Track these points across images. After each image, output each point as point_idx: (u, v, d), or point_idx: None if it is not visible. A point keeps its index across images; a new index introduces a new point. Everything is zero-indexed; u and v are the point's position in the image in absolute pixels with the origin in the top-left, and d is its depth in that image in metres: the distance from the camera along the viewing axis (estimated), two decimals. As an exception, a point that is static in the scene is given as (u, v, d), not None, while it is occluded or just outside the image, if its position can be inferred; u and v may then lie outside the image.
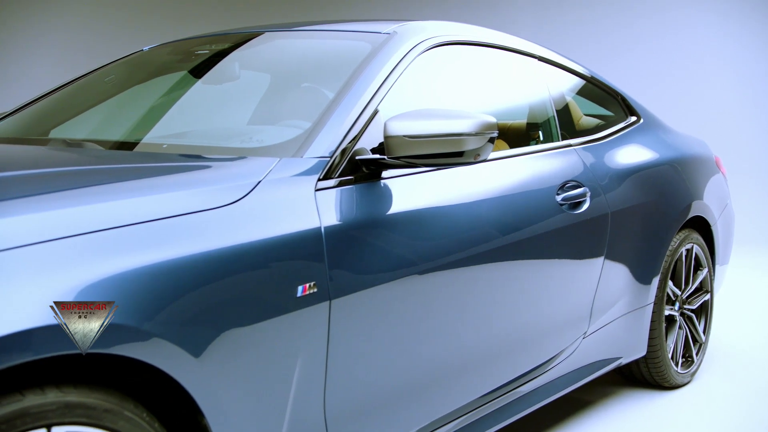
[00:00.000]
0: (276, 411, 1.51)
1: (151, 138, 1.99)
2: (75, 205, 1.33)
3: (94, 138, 2.08)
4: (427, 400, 1.93)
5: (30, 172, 1.55)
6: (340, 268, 1.61)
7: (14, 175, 1.49)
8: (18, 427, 1.12)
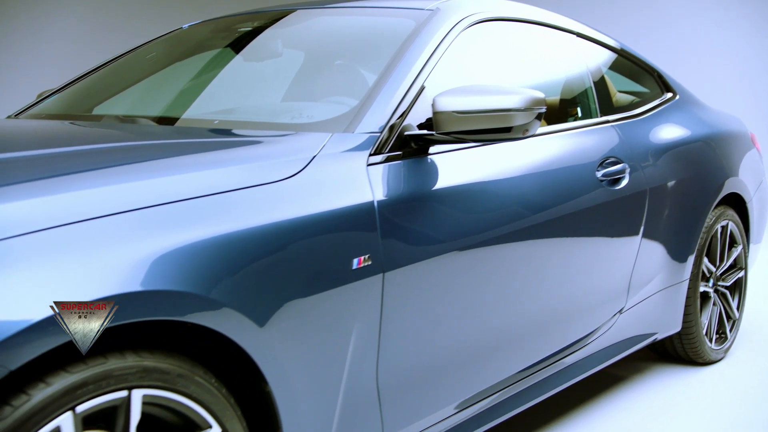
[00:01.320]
0: (333, 379, 1.58)
1: (200, 114, 2.05)
2: (143, 178, 1.39)
3: (144, 114, 2.14)
4: (471, 373, 1.99)
5: (93, 147, 1.61)
6: (392, 241, 1.66)
7: (80, 150, 1.55)
8: (103, 388, 1.20)
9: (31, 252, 1.15)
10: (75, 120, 2.08)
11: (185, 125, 1.92)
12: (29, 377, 1.13)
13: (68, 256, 1.17)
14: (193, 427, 1.35)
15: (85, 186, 1.31)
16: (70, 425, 1.16)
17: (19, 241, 1.15)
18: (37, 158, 1.47)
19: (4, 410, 1.09)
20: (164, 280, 1.26)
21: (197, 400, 1.33)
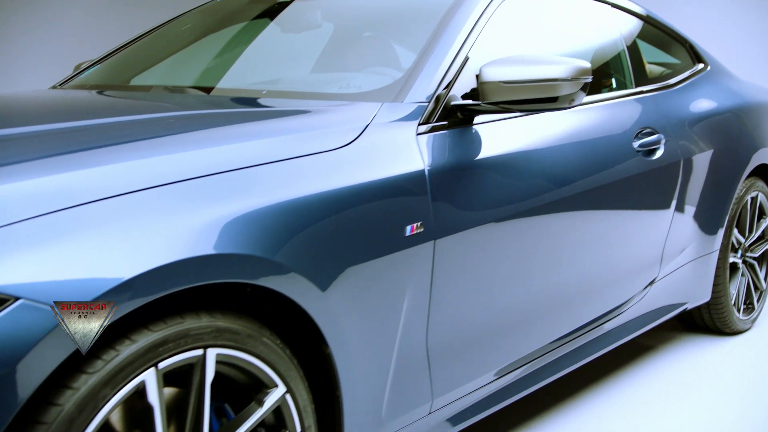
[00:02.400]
0: (387, 343, 1.64)
1: (244, 85, 2.10)
2: (211, 146, 1.45)
3: (189, 85, 2.20)
4: (510, 341, 2.06)
5: (156, 115, 1.67)
6: (442, 209, 1.72)
7: (144, 118, 1.61)
8: (182, 346, 1.27)
9: (118, 214, 1.21)
10: (121, 90, 2.13)
11: (234, 96, 1.98)
12: (116, 334, 1.20)
13: (149, 219, 1.24)
14: (259, 387, 1.43)
15: (161, 153, 1.37)
16: (154, 380, 1.23)
17: (107, 204, 1.21)
18: (107, 126, 1.53)
19: (96, 364, 1.16)
20: (235, 243, 1.32)
21: (265, 360, 1.41)
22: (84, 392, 1.14)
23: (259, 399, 1.42)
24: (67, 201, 1.19)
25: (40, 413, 1.10)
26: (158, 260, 1.20)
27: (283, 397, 1.44)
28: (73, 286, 1.11)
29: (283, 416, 1.46)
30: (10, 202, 1.16)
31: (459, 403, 1.92)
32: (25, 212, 1.15)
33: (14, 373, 1.05)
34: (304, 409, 1.49)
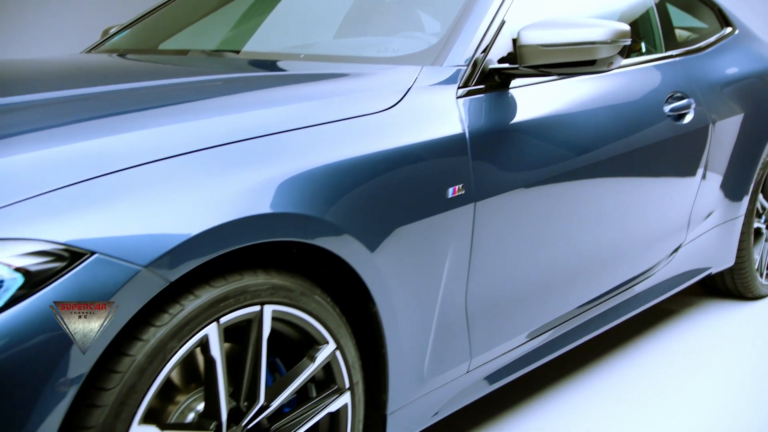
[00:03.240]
0: (429, 302, 1.70)
1: (281, 48, 2.12)
2: (261, 107, 1.49)
3: (224, 48, 2.22)
4: (543, 303, 2.11)
5: (201, 78, 1.70)
6: (482, 172, 1.76)
7: (191, 81, 1.65)
8: (241, 302, 1.32)
9: (182, 173, 1.26)
10: (155, 55, 2.16)
11: (272, 60, 2.01)
12: (181, 290, 1.25)
13: (211, 179, 1.28)
14: (311, 343, 1.49)
15: (216, 114, 1.41)
16: (216, 334, 1.29)
17: (172, 163, 1.26)
18: (157, 89, 1.57)
19: (163, 317, 1.21)
20: (291, 203, 1.36)
21: (317, 317, 1.46)
22: (153, 344, 1.20)
23: (311, 355, 1.48)
24: (134, 160, 1.23)
25: (114, 363, 1.16)
26: (220, 218, 1.25)
27: (333, 353, 1.50)
28: (142, 241, 1.16)
29: (332, 372, 1.52)
30: (81, 160, 1.21)
31: (495, 363, 1.98)
32: (95, 170, 1.19)
33: (92, 324, 1.10)
34: (352, 365, 1.55)
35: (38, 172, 1.18)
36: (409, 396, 1.71)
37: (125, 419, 1.17)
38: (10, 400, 1.04)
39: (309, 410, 1.49)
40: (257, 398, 1.39)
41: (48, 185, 1.15)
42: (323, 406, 1.51)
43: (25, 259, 1.07)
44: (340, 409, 1.54)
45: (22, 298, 1.06)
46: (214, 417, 1.34)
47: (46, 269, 1.08)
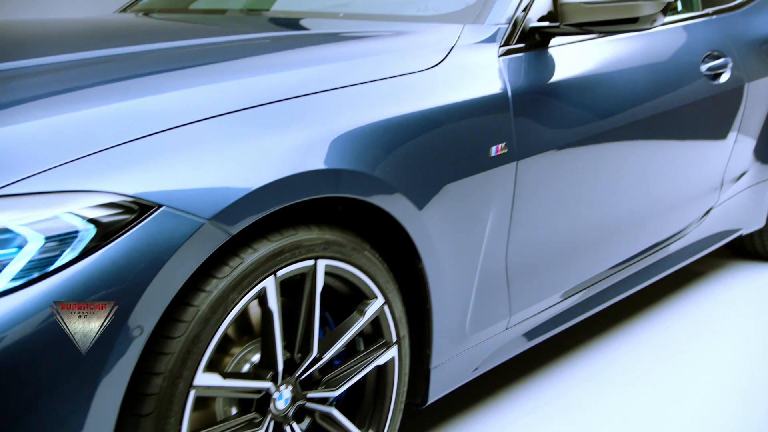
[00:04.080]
0: (472, 260, 1.73)
1: (317, 8, 2.13)
2: (311, 65, 1.51)
3: (261, 7, 2.24)
4: (579, 262, 2.15)
5: (247, 36, 1.72)
6: (523, 131, 1.78)
7: (237, 39, 1.67)
8: (296, 256, 1.36)
9: (242, 129, 1.29)
10: (193, 14, 2.18)
11: (310, 19, 2.02)
12: (240, 244, 1.29)
13: (269, 135, 1.31)
14: (360, 298, 1.53)
15: (269, 72, 1.43)
16: (273, 287, 1.33)
17: (233, 118, 1.29)
18: (206, 47, 1.59)
19: (224, 270, 1.25)
20: (343, 159, 1.39)
21: (366, 272, 1.50)
22: (216, 295, 1.24)
23: (360, 309, 1.52)
24: (194, 116, 1.27)
25: (179, 313, 1.21)
26: (278, 173, 1.28)
27: (381, 308, 1.55)
28: (206, 194, 1.20)
29: (380, 326, 1.57)
30: (143, 116, 1.24)
31: (531, 321, 2.02)
32: (157, 126, 1.22)
33: (161, 274, 1.14)
34: (399, 320, 1.59)
35: (103, 127, 1.21)
36: (451, 351, 1.76)
37: (191, 366, 1.21)
38: (89, 348, 1.08)
39: (358, 363, 1.54)
40: (310, 350, 1.44)
41: (114, 140, 1.19)
42: (372, 359, 1.56)
43: (96, 211, 1.11)
44: (388, 362, 1.59)
45: (94, 250, 1.10)
46: (271, 367, 1.39)
47: (116, 221, 1.12)
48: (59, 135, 1.19)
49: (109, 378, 1.11)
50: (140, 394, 1.17)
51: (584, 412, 2.07)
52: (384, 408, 1.61)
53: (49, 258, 1.08)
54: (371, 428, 1.60)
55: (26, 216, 1.08)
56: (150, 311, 1.14)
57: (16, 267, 1.06)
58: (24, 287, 1.06)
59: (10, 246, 1.07)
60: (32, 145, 1.17)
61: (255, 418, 1.38)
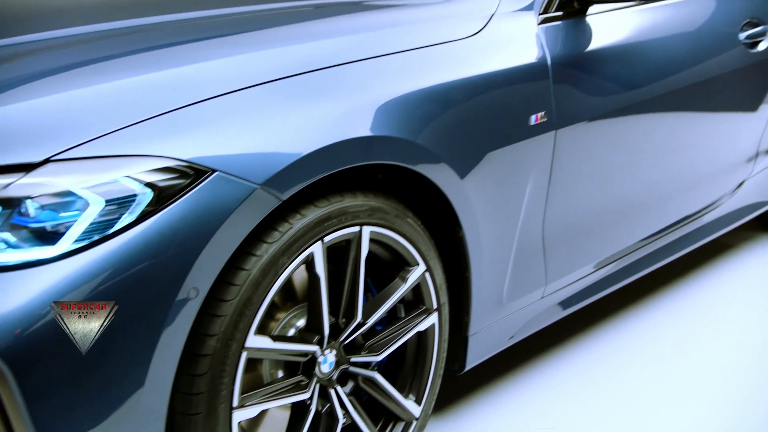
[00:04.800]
0: (510, 229, 1.74)
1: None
2: (351, 33, 1.51)
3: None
4: (616, 232, 2.16)
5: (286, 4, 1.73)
6: (562, 100, 1.78)
7: (275, 7, 1.68)
8: (342, 222, 1.38)
9: (291, 95, 1.31)
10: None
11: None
12: (289, 210, 1.31)
13: (317, 102, 1.33)
14: (402, 265, 1.55)
15: (314, 39, 1.44)
16: (320, 253, 1.36)
17: (281, 85, 1.30)
18: (251, 14, 1.60)
19: (274, 235, 1.28)
20: (389, 127, 1.40)
21: (409, 239, 1.52)
22: (266, 259, 1.26)
23: (403, 276, 1.54)
24: (244, 82, 1.28)
25: (232, 277, 1.23)
26: (327, 139, 1.30)
27: (423, 274, 1.57)
28: (257, 160, 1.22)
29: (421, 293, 1.59)
30: (195, 82, 1.26)
31: (566, 290, 2.03)
32: (209, 92, 1.24)
33: (215, 238, 1.16)
34: (440, 286, 1.61)
35: (154, 94, 1.23)
36: (488, 319, 1.78)
37: (243, 329, 1.25)
38: (147, 308, 1.12)
39: (400, 329, 1.57)
40: (355, 315, 1.46)
41: (166, 106, 1.21)
42: (413, 325, 1.58)
43: (153, 175, 1.14)
44: (428, 328, 1.62)
45: (151, 213, 1.13)
46: (317, 331, 1.42)
47: (172, 185, 1.14)
48: (113, 101, 1.22)
49: (167, 336, 1.14)
50: (195, 355, 1.21)
51: (616, 383, 2.10)
52: (424, 374, 1.65)
53: (108, 221, 1.11)
54: (411, 393, 1.63)
55: (88, 179, 1.11)
56: (205, 274, 1.17)
57: (78, 229, 1.09)
58: (86, 249, 1.09)
59: (73, 209, 1.10)
60: (88, 110, 1.19)
61: (302, 381, 1.42)
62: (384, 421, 1.62)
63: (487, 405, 1.99)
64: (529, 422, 1.90)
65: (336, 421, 1.47)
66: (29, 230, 1.10)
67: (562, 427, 1.89)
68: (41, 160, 1.10)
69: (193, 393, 1.21)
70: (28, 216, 1.09)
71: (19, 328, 1.03)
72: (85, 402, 1.08)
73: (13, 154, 1.11)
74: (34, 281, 1.06)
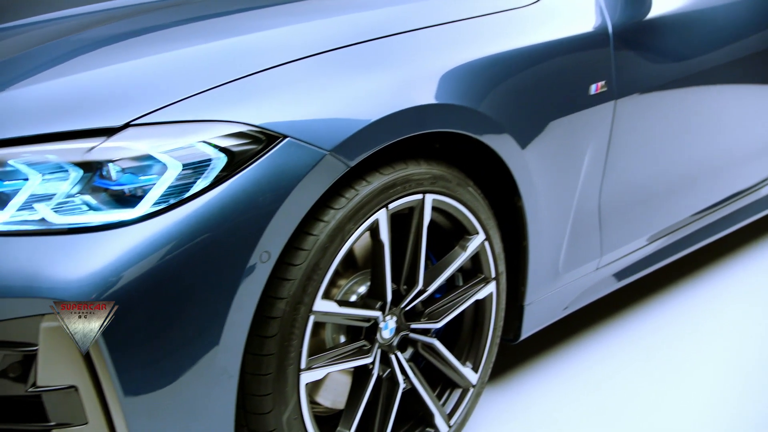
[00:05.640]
0: (568, 199, 1.74)
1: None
2: (412, 1, 1.51)
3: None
4: (670, 205, 2.14)
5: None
6: (623, 69, 1.76)
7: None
8: (406, 190, 1.39)
9: (358, 63, 1.32)
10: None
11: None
12: (355, 177, 1.33)
13: (378, 69, 1.33)
14: (461, 233, 1.56)
15: (377, 7, 1.44)
16: (385, 219, 1.37)
17: (348, 52, 1.31)
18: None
19: (340, 201, 1.29)
20: (453, 95, 1.41)
21: (470, 208, 1.52)
22: (333, 225, 1.28)
23: (462, 245, 1.55)
24: (310, 49, 1.29)
25: (300, 242, 1.25)
26: (394, 106, 1.30)
27: (482, 243, 1.57)
28: (327, 126, 1.23)
29: (480, 262, 1.60)
30: (263, 49, 1.27)
31: (620, 262, 2.02)
32: (277, 59, 1.25)
33: (286, 203, 1.18)
34: (498, 255, 1.62)
35: (223, 61, 1.25)
36: (544, 289, 1.78)
37: (311, 293, 1.27)
38: (221, 270, 1.14)
39: (459, 297, 1.58)
40: (416, 282, 1.48)
41: (235, 73, 1.22)
42: (471, 293, 1.59)
43: (227, 141, 1.16)
44: (486, 297, 1.63)
45: (225, 178, 1.15)
46: (379, 297, 1.43)
47: (245, 150, 1.16)
48: (184, 68, 1.24)
49: (240, 298, 1.16)
50: (265, 317, 1.23)
51: (670, 356, 2.08)
52: (481, 342, 1.66)
53: (184, 185, 1.13)
54: (468, 361, 1.65)
55: (165, 144, 1.13)
56: (276, 238, 1.19)
57: (157, 192, 1.12)
58: (163, 212, 1.11)
59: (151, 172, 1.13)
60: (162, 76, 1.22)
61: (364, 346, 1.44)
62: (441, 388, 1.64)
63: (539, 376, 1.99)
64: (580, 396, 1.91)
65: (397, 385, 1.50)
66: (109, 193, 1.13)
67: (614, 400, 1.89)
68: (122, 125, 1.13)
69: (263, 354, 1.24)
70: (110, 179, 1.12)
71: (101, 287, 1.07)
72: (165, 357, 1.11)
73: (94, 118, 1.14)
74: (115, 242, 1.09)
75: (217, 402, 1.19)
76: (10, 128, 1.15)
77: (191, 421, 1.17)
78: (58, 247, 1.08)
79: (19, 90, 1.22)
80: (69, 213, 1.12)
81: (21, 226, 1.10)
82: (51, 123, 1.15)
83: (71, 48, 1.35)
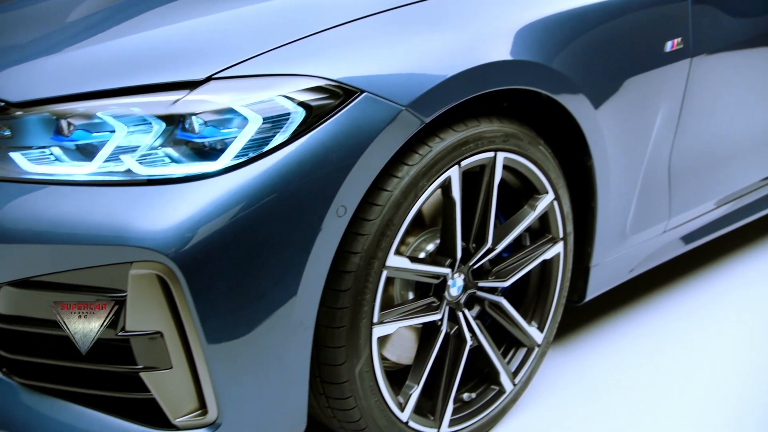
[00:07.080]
0: (638, 159, 1.70)
1: None
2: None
3: None
4: (738, 170, 2.08)
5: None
6: (701, 26, 1.70)
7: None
8: (478, 147, 1.38)
9: (431, 18, 1.30)
10: None
11: None
12: (428, 133, 1.32)
13: (452, 25, 1.32)
14: (530, 193, 1.54)
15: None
16: (457, 177, 1.36)
17: (419, 7, 1.30)
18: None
19: (414, 157, 1.29)
20: (528, 51, 1.38)
21: (540, 167, 1.50)
22: (407, 181, 1.28)
23: (532, 204, 1.53)
24: (383, 5, 1.28)
25: (374, 197, 1.25)
26: (469, 63, 1.28)
27: (551, 203, 1.55)
28: (403, 81, 1.22)
29: (548, 222, 1.58)
30: (333, 5, 1.26)
31: (688, 225, 1.98)
32: (352, 14, 1.25)
33: (362, 158, 1.18)
34: (567, 216, 1.60)
35: (297, 17, 1.24)
36: (611, 251, 1.75)
37: (384, 248, 1.27)
38: (299, 223, 1.15)
39: (526, 256, 1.57)
40: (485, 240, 1.47)
41: (311, 28, 1.22)
42: (539, 253, 1.58)
43: (305, 95, 1.16)
44: (553, 257, 1.61)
45: (303, 133, 1.15)
46: (449, 255, 1.43)
47: (323, 105, 1.16)
48: (260, 23, 1.24)
49: (317, 251, 1.17)
50: (340, 272, 1.24)
51: (739, 323, 2.05)
52: (547, 302, 1.65)
53: (264, 138, 1.14)
54: (534, 320, 1.64)
55: (246, 97, 1.14)
56: (352, 193, 1.19)
57: (238, 145, 1.12)
58: (243, 165, 1.13)
59: (232, 126, 1.14)
60: (240, 31, 1.22)
61: (433, 302, 1.44)
62: (506, 347, 1.65)
63: (602, 338, 1.98)
64: (641, 360, 1.89)
65: (464, 342, 1.50)
66: (190, 146, 1.15)
67: (678, 365, 1.87)
68: (204, 78, 1.14)
69: (337, 307, 1.26)
70: (192, 132, 1.14)
71: (185, 237, 1.09)
72: (245, 306, 1.13)
73: (177, 71, 1.15)
74: (197, 194, 1.10)
75: (293, 352, 1.21)
76: (94, 82, 1.17)
77: (269, 370, 1.19)
78: (144, 197, 1.10)
79: (102, 45, 1.24)
80: (152, 165, 1.13)
81: (108, 176, 1.13)
82: (134, 76, 1.16)
83: (149, 5, 1.37)
